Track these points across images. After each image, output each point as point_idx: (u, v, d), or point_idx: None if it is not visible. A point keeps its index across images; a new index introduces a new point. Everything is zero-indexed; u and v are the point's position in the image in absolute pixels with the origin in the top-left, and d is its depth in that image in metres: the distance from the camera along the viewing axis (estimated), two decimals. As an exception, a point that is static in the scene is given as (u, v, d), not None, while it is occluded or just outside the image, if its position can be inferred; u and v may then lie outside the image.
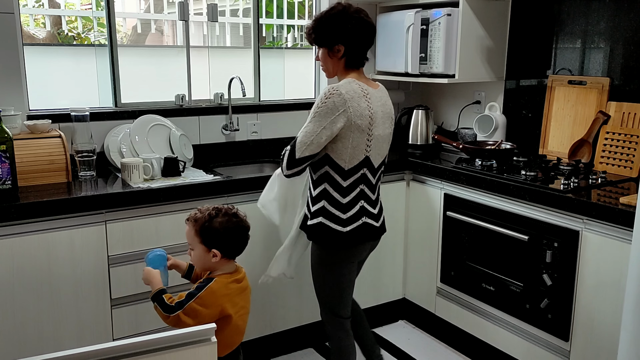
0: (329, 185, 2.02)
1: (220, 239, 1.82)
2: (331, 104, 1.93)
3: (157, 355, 1.19)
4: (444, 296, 2.86)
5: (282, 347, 2.81)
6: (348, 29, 2.00)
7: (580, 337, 2.23)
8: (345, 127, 1.94)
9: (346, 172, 2.00)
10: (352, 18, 2.01)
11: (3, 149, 2.12)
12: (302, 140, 1.95)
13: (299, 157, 1.96)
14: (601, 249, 2.12)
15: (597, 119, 2.62)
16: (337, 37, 2.02)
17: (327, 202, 2.02)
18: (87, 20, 3.05)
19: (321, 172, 2.02)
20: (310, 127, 1.95)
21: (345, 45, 2.02)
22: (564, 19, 2.78)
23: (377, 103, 2.04)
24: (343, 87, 1.97)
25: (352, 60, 2.06)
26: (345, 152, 1.97)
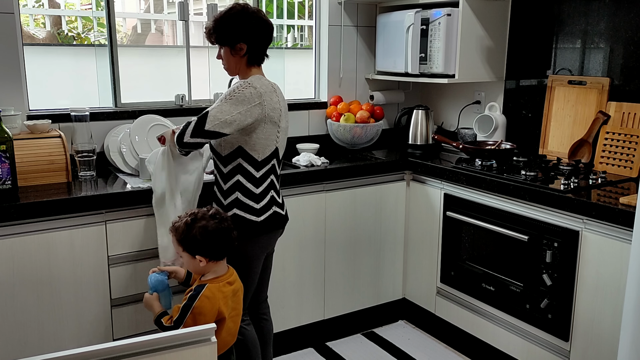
0: (242, 176, 2.07)
1: (201, 245, 1.82)
2: (248, 94, 1.99)
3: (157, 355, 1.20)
4: (444, 296, 2.86)
5: (282, 347, 2.81)
6: (249, 27, 2.07)
7: (580, 337, 2.23)
8: (259, 120, 2.01)
9: (259, 163, 2.07)
10: (253, 17, 2.07)
11: (3, 149, 2.12)
12: (215, 114, 1.98)
13: (208, 129, 1.98)
14: (601, 249, 2.12)
15: (597, 119, 2.62)
16: (239, 36, 2.07)
17: (241, 193, 2.07)
18: (87, 20, 3.04)
19: (233, 164, 2.07)
20: (225, 106, 1.98)
21: (247, 43, 2.08)
22: (564, 19, 2.79)
23: (280, 96, 2.13)
24: (255, 82, 2.04)
25: (254, 58, 2.12)
26: (259, 143, 2.05)
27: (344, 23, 3.27)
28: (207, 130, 1.98)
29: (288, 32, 3.70)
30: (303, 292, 2.77)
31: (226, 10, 2.09)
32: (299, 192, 2.67)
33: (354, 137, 3.16)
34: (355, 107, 3.20)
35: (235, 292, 1.90)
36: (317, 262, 2.78)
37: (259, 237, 2.11)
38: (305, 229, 2.72)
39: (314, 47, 3.32)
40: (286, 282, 2.71)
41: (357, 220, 2.87)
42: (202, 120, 1.99)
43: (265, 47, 2.15)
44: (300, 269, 2.74)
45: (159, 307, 1.87)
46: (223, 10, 2.10)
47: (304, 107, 3.25)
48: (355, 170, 2.80)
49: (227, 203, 2.09)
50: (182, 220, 1.85)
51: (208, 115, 1.98)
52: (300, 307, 2.78)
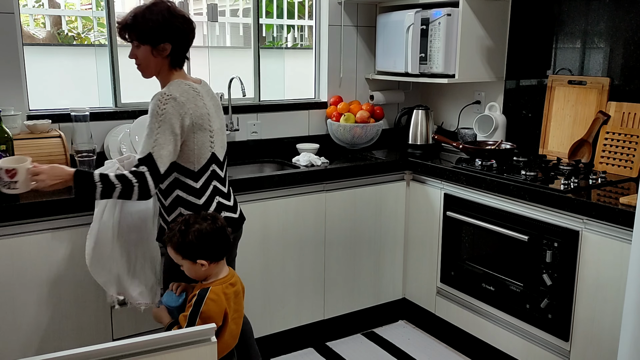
0: (181, 190, 1.94)
1: (199, 249, 1.78)
2: (171, 111, 1.83)
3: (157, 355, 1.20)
4: (444, 296, 2.86)
5: (282, 347, 2.81)
6: (176, 26, 1.91)
7: (580, 337, 2.22)
8: (187, 130, 1.88)
9: (196, 173, 1.94)
10: (180, 16, 1.92)
11: (3, 149, 2.12)
12: (160, 154, 1.82)
13: (164, 171, 1.84)
14: (601, 249, 2.12)
15: (597, 119, 2.62)
16: (165, 35, 1.90)
17: (184, 208, 1.95)
18: (87, 20, 3.04)
19: (170, 180, 1.94)
20: (160, 138, 1.82)
21: (172, 44, 1.92)
22: (564, 19, 2.78)
23: (207, 98, 2.00)
24: (174, 90, 1.88)
25: (177, 59, 1.97)
26: (192, 154, 1.91)
27: (344, 23, 3.27)
28: (164, 173, 1.85)
29: (288, 32, 3.70)
30: (303, 292, 2.77)
31: (149, 5, 1.91)
32: (299, 192, 2.67)
33: (354, 137, 3.16)
34: (355, 107, 3.20)
35: (237, 294, 1.89)
36: (317, 262, 2.78)
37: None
38: (305, 229, 2.71)
39: (314, 47, 3.32)
40: (286, 282, 2.71)
41: (357, 220, 2.87)
42: (153, 165, 1.81)
43: (188, 48, 2.00)
44: (300, 269, 2.74)
45: (168, 317, 1.85)
46: (145, 4, 1.92)
47: (304, 107, 3.25)
48: (355, 170, 2.80)
49: (171, 220, 1.97)
50: (175, 229, 1.80)
51: (155, 158, 1.81)
52: (300, 307, 2.78)
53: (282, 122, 3.19)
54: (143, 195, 1.83)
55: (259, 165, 3.03)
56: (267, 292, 2.66)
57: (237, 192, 2.49)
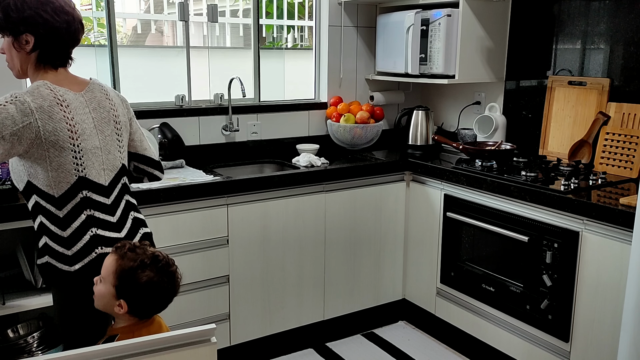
0: (44, 217, 1.63)
1: (137, 294, 1.50)
2: (11, 111, 1.52)
3: (157, 356, 1.19)
4: (444, 297, 2.85)
5: (282, 347, 2.81)
6: (42, 15, 1.58)
7: (581, 338, 2.22)
8: (35, 146, 1.56)
9: (57, 199, 1.61)
10: (49, 3, 1.60)
11: (3, 149, 2.11)
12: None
13: (23, 188, 1.63)
14: (601, 250, 2.12)
15: (597, 120, 2.62)
16: (25, 23, 1.58)
17: (48, 238, 1.63)
18: (87, 20, 3.04)
19: (32, 202, 1.64)
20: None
21: (35, 36, 1.59)
22: (564, 19, 2.79)
23: (82, 110, 1.65)
24: (29, 93, 1.57)
25: (47, 57, 1.64)
26: (48, 176, 1.59)
27: (344, 23, 3.28)
28: (23, 190, 1.62)
29: (288, 33, 3.70)
30: (303, 293, 2.77)
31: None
32: (299, 193, 2.67)
33: (354, 138, 3.16)
34: (355, 108, 3.20)
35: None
36: (317, 262, 2.78)
37: (76, 290, 1.64)
38: (305, 229, 2.71)
39: (314, 47, 3.32)
40: (286, 282, 2.71)
41: (357, 221, 2.87)
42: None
43: (66, 45, 1.66)
44: (300, 269, 2.74)
45: None
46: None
47: (303, 108, 3.25)
48: (355, 171, 2.80)
49: (39, 248, 1.66)
50: (140, 255, 1.52)
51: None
52: (300, 308, 2.78)
53: (282, 122, 3.19)
54: None
55: (259, 165, 3.03)
56: (267, 292, 2.65)
57: (237, 193, 2.49)
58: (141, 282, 1.50)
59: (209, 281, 2.48)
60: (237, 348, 2.64)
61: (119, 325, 1.57)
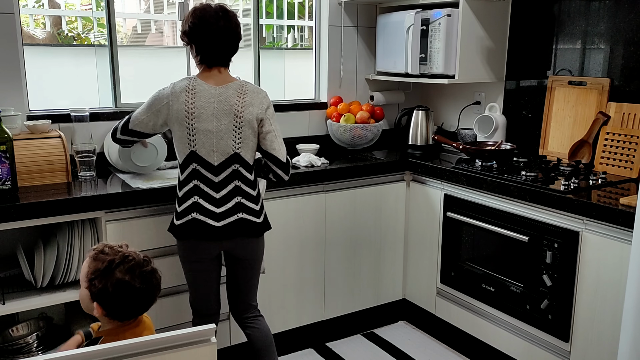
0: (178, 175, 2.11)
1: (106, 295, 1.47)
2: (161, 95, 2.07)
3: (157, 356, 1.19)
4: (444, 297, 2.85)
5: (282, 347, 2.81)
6: (192, 28, 2.04)
7: (581, 338, 2.22)
8: (168, 120, 2.05)
9: (181, 165, 2.07)
10: (196, 17, 2.03)
11: (3, 149, 2.11)
12: (136, 115, 2.12)
13: (131, 129, 2.13)
14: (601, 250, 2.12)
15: (597, 120, 2.62)
16: (188, 36, 2.08)
17: (177, 190, 2.12)
18: (87, 20, 3.04)
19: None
20: (142, 107, 2.11)
21: (194, 44, 2.07)
22: (564, 19, 2.79)
23: (207, 99, 2.04)
24: (176, 83, 2.08)
25: (203, 59, 2.09)
26: (175, 145, 2.07)
27: (344, 23, 3.28)
28: (131, 129, 2.13)
29: (288, 33, 3.70)
30: (303, 292, 2.77)
31: (194, 8, 2.09)
32: (299, 193, 2.67)
33: (354, 138, 3.16)
34: (355, 108, 3.20)
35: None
36: (317, 262, 2.78)
37: (179, 241, 2.11)
38: (305, 229, 2.71)
39: (314, 47, 3.32)
40: (286, 282, 2.71)
41: (357, 221, 2.87)
42: (128, 119, 2.14)
43: (213, 49, 2.06)
44: (300, 269, 2.74)
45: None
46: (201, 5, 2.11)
47: (304, 108, 3.25)
48: (355, 171, 2.80)
49: (181, 195, 2.11)
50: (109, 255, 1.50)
51: (131, 114, 2.13)
52: (300, 308, 2.78)
53: (282, 122, 3.16)
54: (113, 136, 2.21)
55: (259, 165, 3.03)
56: (267, 292, 2.65)
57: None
58: (109, 284, 1.47)
59: (209, 281, 2.48)
60: (237, 348, 2.64)
61: (104, 328, 1.55)
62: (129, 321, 1.54)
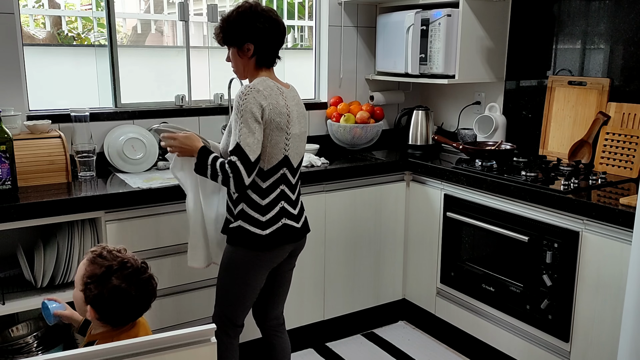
0: (249, 187, 1.94)
1: (101, 300, 1.46)
2: (251, 100, 1.87)
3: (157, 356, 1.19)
4: (444, 297, 2.85)
5: (282, 347, 2.81)
6: (257, 27, 1.95)
7: (581, 338, 2.22)
8: (265, 123, 1.89)
9: (265, 172, 1.94)
10: (261, 16, 1.95)
11: (3, 149, 2.12)
12: (247, 142, 1.85)
13: (255, 159, 1.87)
14: (601, 250, 2.12)
15: (597, 120, 2.62)
16: (246, 35, 1.96)
17: (246, 205, 1.95)
18: (87, 20, 3.04)
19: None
20: (243, 128, 1.85)
21: (254, 43, 1.96)
22: (564, 19, 2.79)
23: (292, 102, 2.00)
24: (259, 84, 1.92)
25: (263, 59, 2.00)
26: (264, 151, 1.91)
27: (344, 23, 3.28)
28: (255, 160, 1.87)
29: (288, 33, 3.69)
30: (303, 293, 2.77)
31: (234, 9, 2.00)
32: (299, 193, 2.67)
33: (354, 138, 3.16)
34: (355, 108, 3.20)
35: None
36: (317, 262, 2.78)
37: (262, 252, 1.98)
38: (305, 230, 2.71)
39: (314, 47, 3.32)
40: (286, 283, 2.71)
41: (357, 221, 2.87)
42: (243, 154, 1.84)
43: (275, 48, 2.01)
44: (300, 269, 2.74)
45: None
46: (232, 8, 2.02)
47: (304, 108, 3.25)
48: (355, 171, 2.80)
49: (236, 213, 1.98)
50: (108, 261, 1.48)
51: (243, 147, 1.84)
52: (300, 308, 2.78)
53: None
54: (239, 186, 1.87)
55: (259, 165, 3.03)
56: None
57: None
58: (107, 289, 1.45)
59: (208, 281, 2.48)
60: (237, 348, 2.63)
61: (97, 332, 1.54)
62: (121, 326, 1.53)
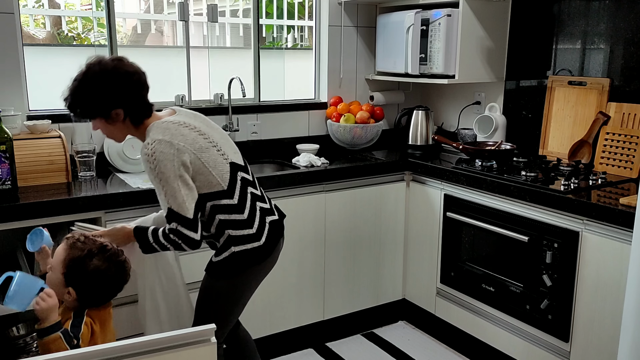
0: (222, 214, 1.83)
1: (83, 281, 1.59)
2: (161, 157, 1.70)
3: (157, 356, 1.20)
4: (444, 297, 2.85)
5: (282, 347, 2.81)
6: (118, 90, 1.75)
7: (581, 338, 2.22)
8: (193, 162, 1.76)
9: (228, 190, 1.82)
10: (116, 75, 1.75)
11: (3, 149, 2.12)
12: (175, 204, 1.72)
13: (193, 214, 1.74)
14: (601, 250, 2.12)
15: (597, 120, 2.62)
16: (109, 104, 1.76)
17: (231, 229, 1.83)
18: (87, 20, 3.04)
19: (206, 210, 1.83)
20: (168, 190, 1.71)
21: (122, 107, 1.77)
22: (564, 19, 2.79)
23: (191, 119, 1.87)
24: (158, 134, 1.75)
25: (139, 114, 1.81)
26: (213, 177, 1.80)
27: (344, 23, 3.28)
28: (194, 215, 1.74)
29: (288, 33, 3.70)
30: (303, 293, 2.77)
31: (81, 76, 1.76)
32: (299, 193, 2.67)
33: (354, 138, 3.16)
34: (355, 108, 3.20)
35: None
36: (317, 263, 2.78)
37: (265, 261, 1.92)
38: (305, 229, 2.71)
39: (314, 47, 3.32)
40: (286, 283, 2.71)
41: (357, 221, 2.87)
42: (179, 217, 1.72)
43: (144, 98, 1.82)
44: (300, 269, 2.74)
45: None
46: (77, 75, 1.77)
47: (303, 108, 3.25)
48: (355, 171, 2.80)
49: (221, 245, 1.86)
50: (87, 244, 1.62)
51: (176, 210, 1.72)
52: (299, 308, 2.78)
53: (282, 122, 3.19)
54: (192, 246, 1.76)
55: (258, 165, 3.03)
56: (267, 292, 2.65)
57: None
58: (88, 270, 1.59)
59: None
60: (237, 348, 2.64)
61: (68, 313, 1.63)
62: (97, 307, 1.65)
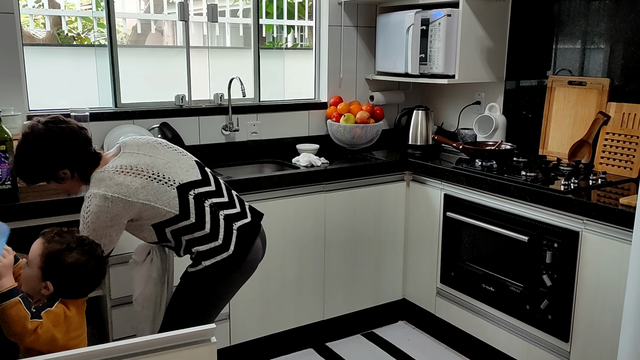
0: (185, 234, 1.83)
1: (62, 275, 1.57)
2: (98, 210, 1.72)
3: (157, 356, 1.20)
4: (444, 297, 2.85)
5: (282, 347, 2.81)
6: (59, 153, 1.76)
7: (581, 337, 2.22)
8: (131, 206, 1.75)
9: (181, 215, 1.80)
10: (52, 139, 1.74)
11: (3, 149, 2.11)
12: (107, 249, 1.77)
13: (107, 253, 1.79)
14: (601, 250, 2.12)
15: (597, 120, 2.62)
16: (54, 167, 1.77)
17: (197, 244, 1.83)
18: (87, 20, 3.04)
19: (168, 236, 1.84)
20: (93, 234, 1.73)
21: (67, 167, 1.78)
22: (564, 19, 2.79)
23: (133, 157, 1.83)
24: (93, 187, 1.76)
25: (86, 168, 1.82)
26: (159, 208, 1.78)
27: (344, 23, 3.28)
28: (107, 254, 1.79)
29: (288, 33, 3.69)
30: (303, 293, 2.77)
31: (21, 147, 1.75)
32: (299, 193, 2.67)
33: (354, 138, 3.16)
34: (355, 108, 3.20)
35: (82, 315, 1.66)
36: (317, 262, 2.78)
37: (241, 266, 1.90)
38: (305, 229, 2.71)
39: (314, 47, 3.32)
40: (286, 282, 2.71)
41: (357, 221, 2.87)
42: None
43: (86, 151, 1.81)
44: (300, 269, 2.74)
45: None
46: (17, 146, 1.78)
47: (303, 108, 3.25)
48: (355, 171, 2.80)
49: (192, 262, 1.87)
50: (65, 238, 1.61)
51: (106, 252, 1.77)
52: (299, 308, 2.78)
53: (282, 122, 3.19)
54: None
55: (258, 165, 3.03)
56: (267, 292, 2.65)
57: (237, 193, 2.49)
58: (66, 264, 1.57)
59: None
60: (237, 348, 2.64)
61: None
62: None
